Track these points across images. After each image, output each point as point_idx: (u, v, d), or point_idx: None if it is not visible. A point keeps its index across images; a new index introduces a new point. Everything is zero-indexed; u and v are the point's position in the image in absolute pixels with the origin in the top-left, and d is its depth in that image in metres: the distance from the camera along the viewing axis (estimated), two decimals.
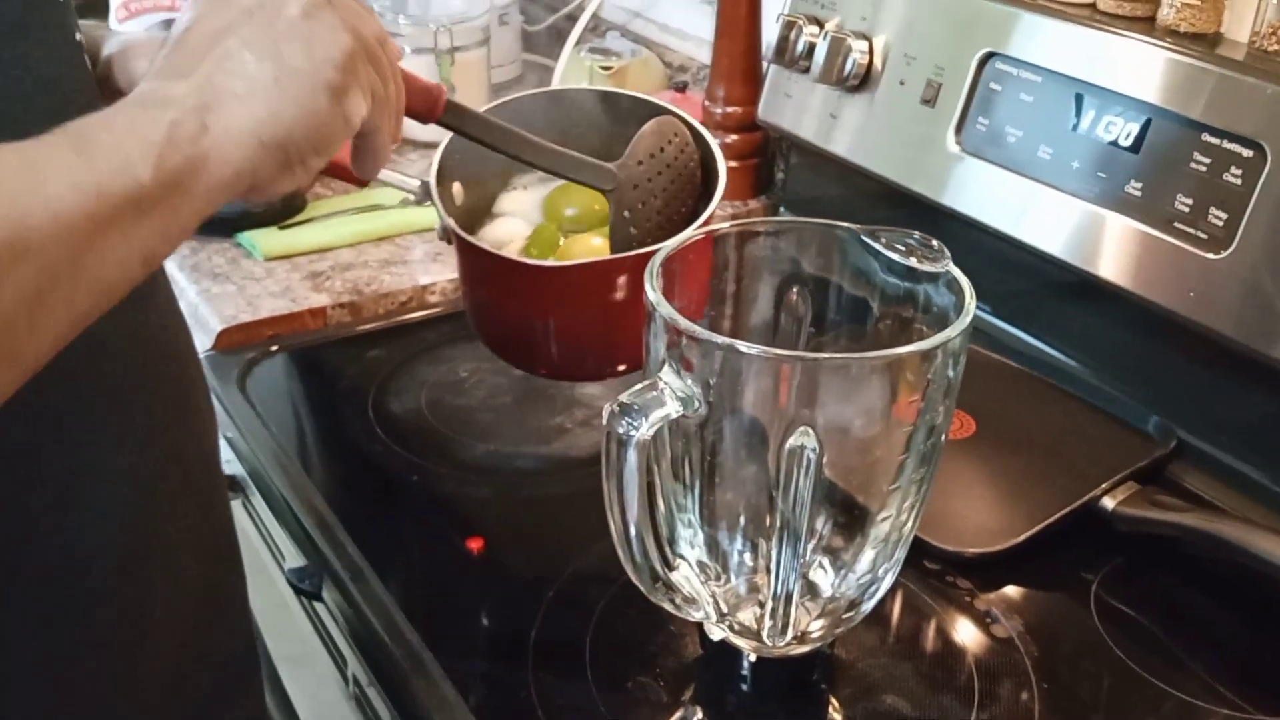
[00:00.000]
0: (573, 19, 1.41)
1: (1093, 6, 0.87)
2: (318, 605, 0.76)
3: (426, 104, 0.65)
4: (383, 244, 1.11)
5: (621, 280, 0.73)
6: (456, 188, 0.82)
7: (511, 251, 0.80)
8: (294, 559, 0.77)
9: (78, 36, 0.56)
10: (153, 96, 0.47)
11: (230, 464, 0.87)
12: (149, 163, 0.44)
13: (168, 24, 1.31)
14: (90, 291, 0.44)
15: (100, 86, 0.63)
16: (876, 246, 0.61)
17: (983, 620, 0.70)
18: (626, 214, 0.75)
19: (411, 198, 1.14)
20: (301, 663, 0.85)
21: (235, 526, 0.70)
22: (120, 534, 0.59)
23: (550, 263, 0.76)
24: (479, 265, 0.78)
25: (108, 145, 0.44)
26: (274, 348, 0.96)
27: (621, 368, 0.78)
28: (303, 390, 0.95)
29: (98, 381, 0.56)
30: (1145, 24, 0.83)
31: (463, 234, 0.75)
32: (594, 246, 0.79)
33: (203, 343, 0.95)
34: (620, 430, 0.51)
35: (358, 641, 0.70)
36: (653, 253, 0.60)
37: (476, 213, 0.83)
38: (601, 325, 0.76)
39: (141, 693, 0.61)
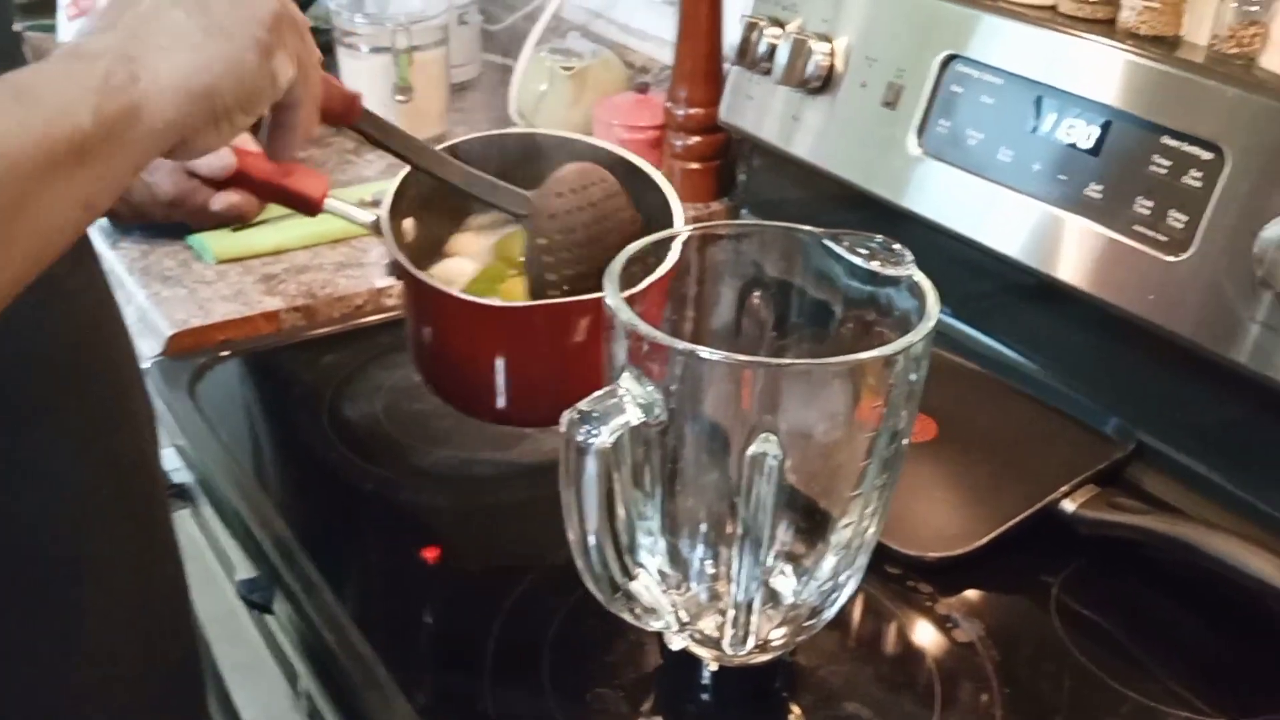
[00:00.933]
0: (533, 19, 1.40)
1: (1053, 9, 0.86)
2: (268, 617, 0.74)
3: (344, 105, 0.65)
4: (338, 246, 1.09)
5: (577, 323, 0.71)
6: (408, 224, 0.80)
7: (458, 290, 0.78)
8: (244, 570, 0.76)
9: (15, 27, 0.55)
10: (85, 49, 0.48)
11: (179, 473, 0.85)
12: (88, 108, 0.45)
13: None
14: (35, 236, 0.44)
15: None
16: (839, 250, 0.60)
17: (944, 624, 0.69)
18: (541, 241, 0.74)
19: (368, 198, 1.13)
20: (250, 672, 0.84)
21: (177, 538, 0.68)
22: (51, 543, 0.57)
23: (498, 302, 0.74)
24: (425, 302, 0.76)
25: (48, 93, 0.45)
26: (226, 353, 0.94)
27: None
28: (255, 397, 0.93)
29: (26, 385, 0.54)
30: (1105, 26, 0.83)
31: (411, 268, 0.73)
32: None
33: (152, 348, 0.93)
34: (579, 438, 0.50)
35: (309, 654, 0.68)
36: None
37: (427, 251, 0.81)
38: (552, 370, 0.74)
39: (74, 704, 0.60)
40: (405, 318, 0.80)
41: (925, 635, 0.69)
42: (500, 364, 0.74)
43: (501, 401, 0.76)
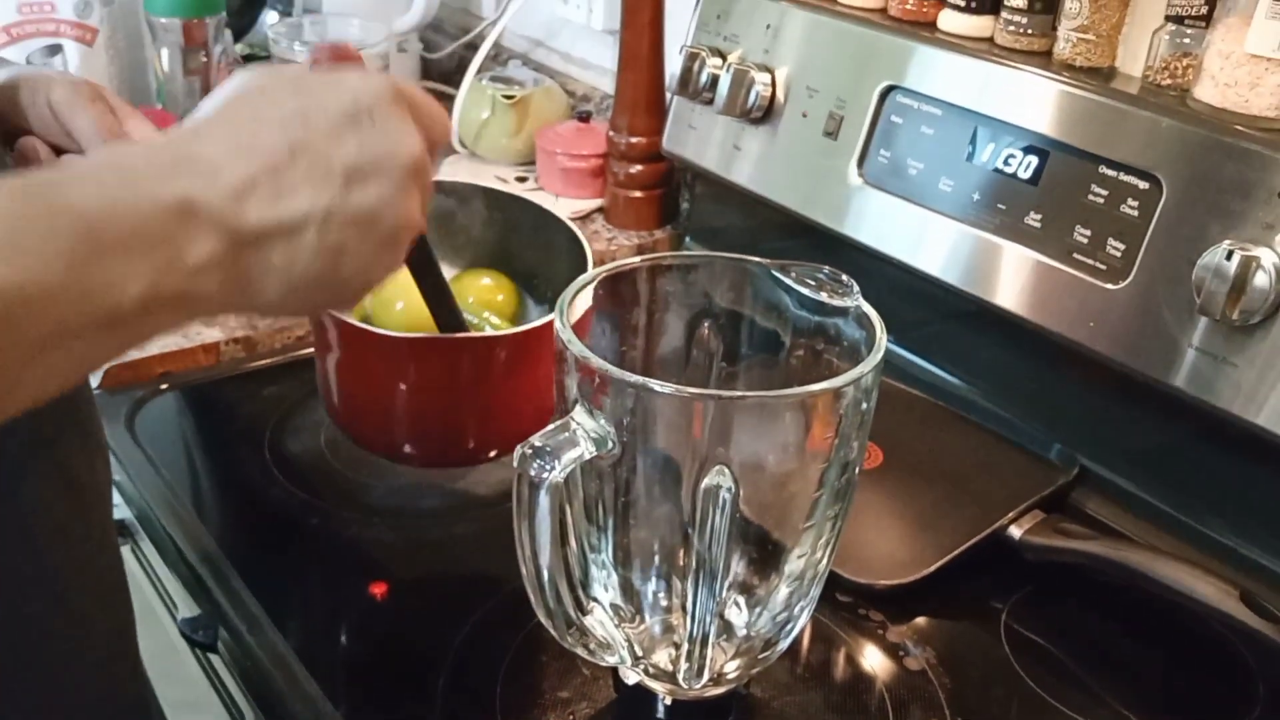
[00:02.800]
0: (474, 47, 1.40)
1: (990, 40, 0.88)
2: (212, 655, 0.73)
3: None
4: None
5: (496, 355, 0.71)
6: None
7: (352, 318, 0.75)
8: (187, 608, 0.74)
9: None
10: (176, 195, 0.44)
11: (119, 508, 0.83)
12: (142, 284, 0.42)
13: (52, 50, 1.27)
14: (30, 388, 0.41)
15: None
16: (787, 281, 0.61)
17: (895, 652, 0.69)
18: None
19: None
20: (194, 711, 0.82)
21: (125, 568, 0.67)
22: (7, 555, 0.56)
23: (398, 334, 0.71)
24: (325, 332, 0.74)
25: (107, 238, 0.41)
26: (164, 385, 0.92)
27: (493, 454, 0.76)
28: (195, 430, 0.91)
29: None
30: (1042, 58, 0.85)
31: None
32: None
33: (89, 380, 0.91)
34: (532, 473, 0.50)
35: (254, 694, 0.67)
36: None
37: None
38: (462, 405, 0.72)
39: None
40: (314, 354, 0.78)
41: (877, 663, 0.69)
42: (399, 399, 0.73)
43: (405, 443, 0.75)
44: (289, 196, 0.46)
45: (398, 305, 0.77)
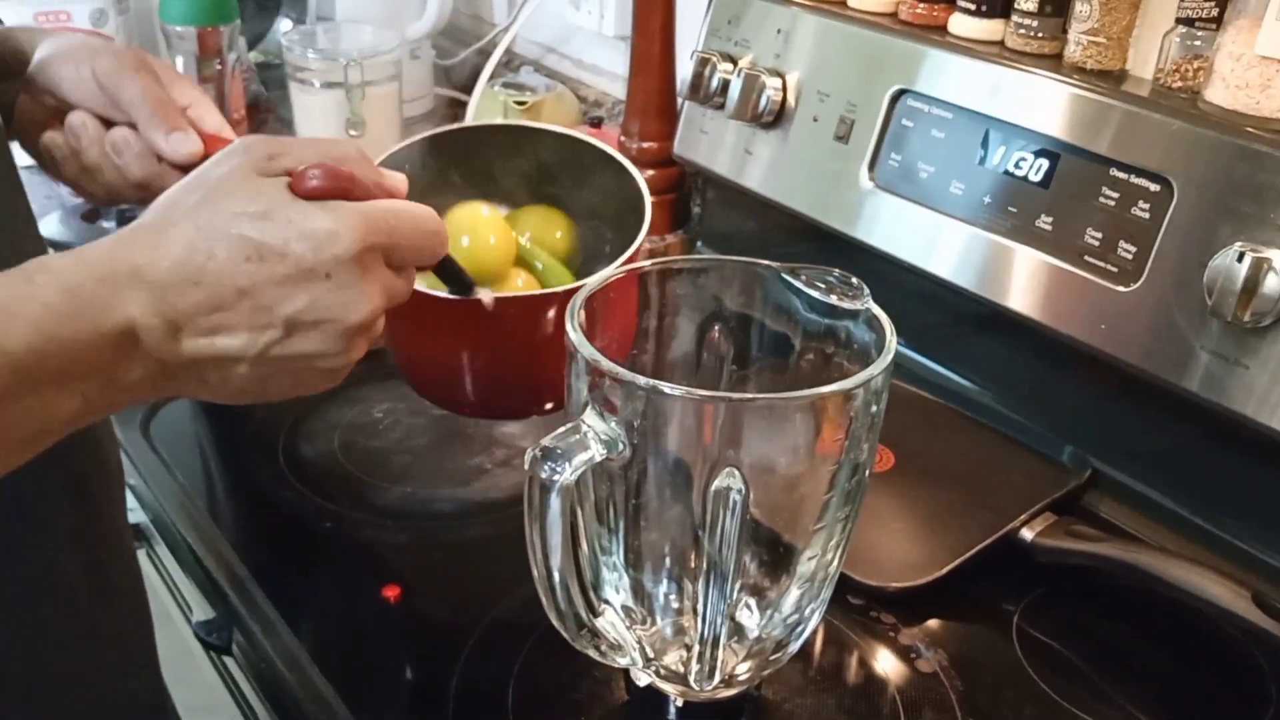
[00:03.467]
0: (486, 54, 1.40)
1: (1001, 44, 0.88)
2: (226, 658, 0.73)
3: None
4: None
5: (546, 316, 0.69)
6: None
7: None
8: (202, 611, 0.75)
9: None
10: (135, 325, 0.46)
11: (134, 512, 0.83)
12: (75, 404, 0.44)
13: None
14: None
15: (24, 83, 0.65)
16: (797, 284, 0.61)
17: (907, 655, 0.69)
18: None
19: None
20: (209, 714, 0.82)
21: (141, 572, 0.67)
22: (14, 562, 0.56)
23: (452, 296, 0.70)
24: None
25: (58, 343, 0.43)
26: None
27: (549, 405, 0.76)
28: (210, 434, 0.92)
29: None
30: (1052, 61, 0.85)
31: None
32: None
33: None
34: (543, 475, 0.50)
35: (269, 696, 0.67)
36: (575, 289, 0.59)
37: None
38: (522, 362, 0.73)
39: None
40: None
41: (889, 666, 0.69)
42: (465, 358, 0.73)
43: (473, 394, 0.74)
44: (226, 335, 0.47)
45: (463, 240, 0.74)
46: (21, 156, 1.27)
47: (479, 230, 0.74)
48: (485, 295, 0.67)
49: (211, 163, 0.50)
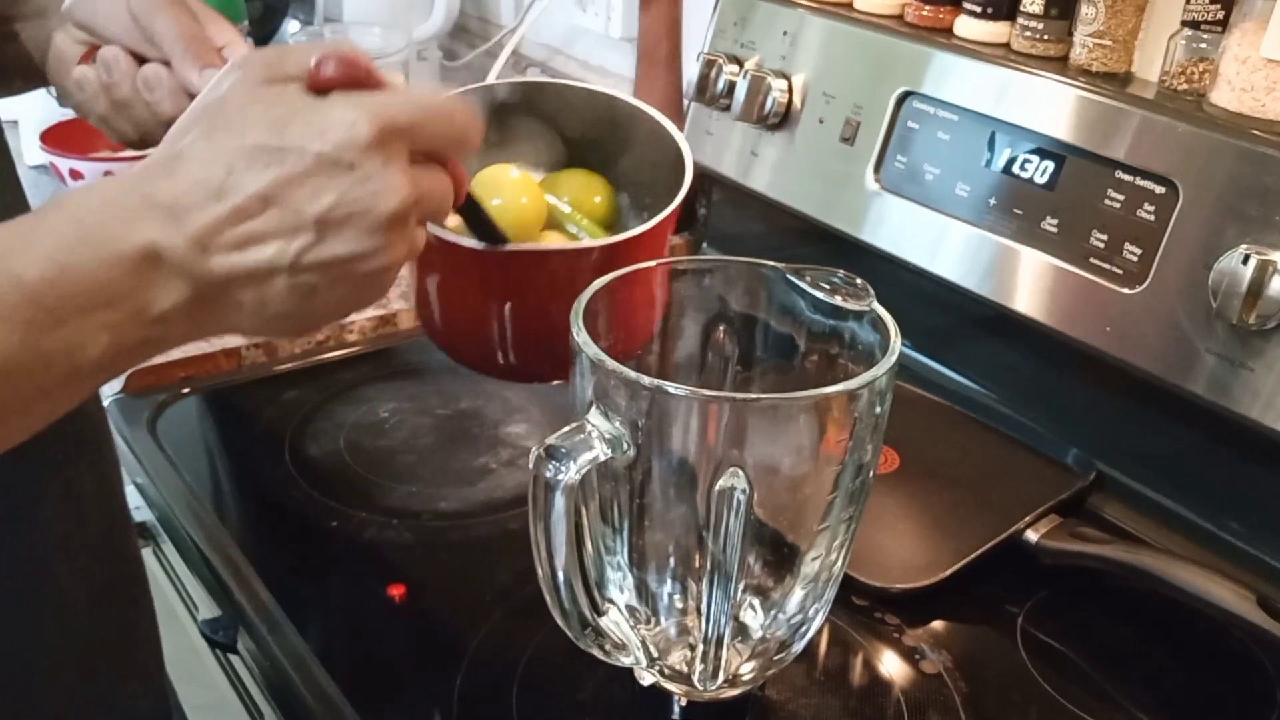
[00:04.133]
0: (493, 55, 1.41)
1: (1007, 46, 0.88)
2: (232, 657, 0.73)
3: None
4: None
5: (583, 270, 0.64)
6: None
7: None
8: (208, 609, 0.75)
9: None
10: (159, 236, 0.43)
11: (140, 510, 0.84)
12: (104, 341, 0.42)
13: None
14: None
15: (60, 19, 0.64)
16: (802, 285, 0.61)
17: (911, 656, 0.69)
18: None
19: None
20: (214, 713, 0.82)
21: (146, 573, 0.67)
22: (10, 575, 0.56)
23: (504, 247, 0.65)
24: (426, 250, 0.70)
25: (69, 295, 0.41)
26: (186, 390, 0.93)
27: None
28: (216, 434, 0.92)
29: None
30: (1058, 64, 0.85)
31: None
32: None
33: (112, 385, 0.92)
34: (547, 474, 0.50)
35: (274, 694, 0.67)
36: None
37: None
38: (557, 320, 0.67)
39: None
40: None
41: (893, 667, 0.69)
42: (497, 314, 0.69)
43: (504, 357, 0.70)
44: (256, 245, 0.44)
45: (494, 201, 0.71)
46: (24, 158, 1.27)
47: (510, 191, 0.70)
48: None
49: (210, 88, 0.47)
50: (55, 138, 1.21)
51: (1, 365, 0.39)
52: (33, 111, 1.30)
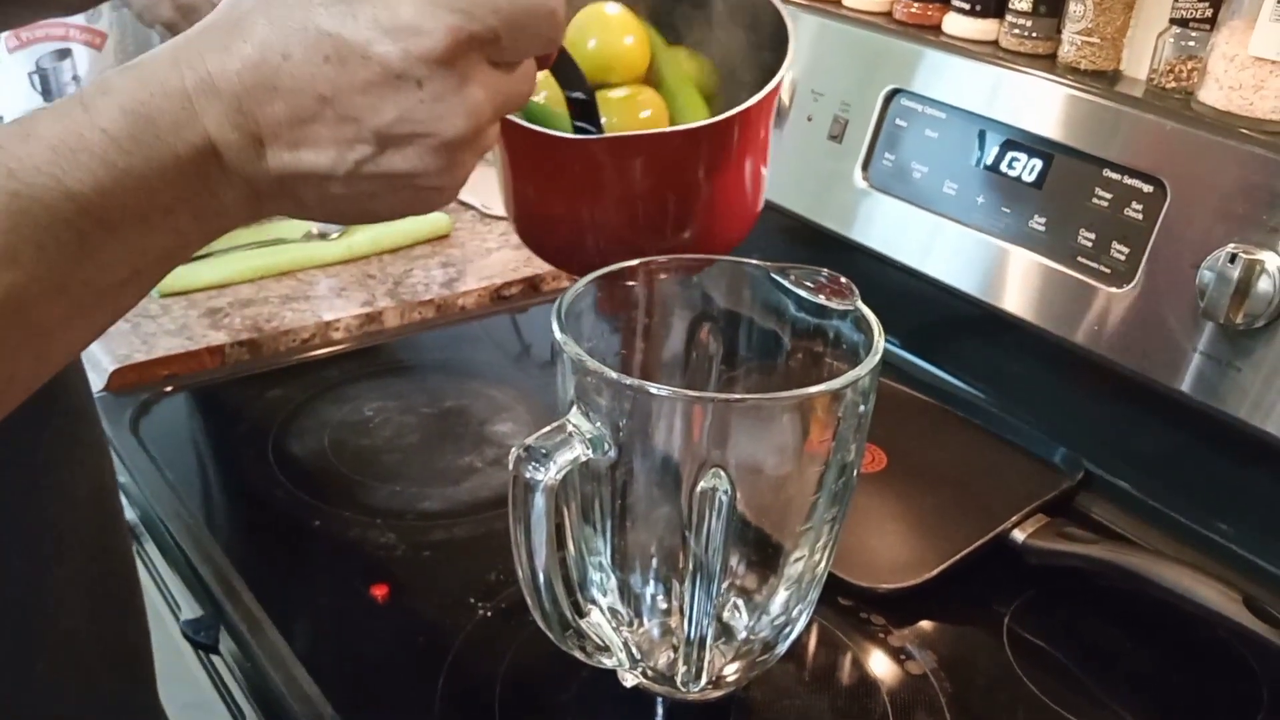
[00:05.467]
0: None
1: (995, 44, 0.88)
2: (214, 657, 0.73)
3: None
4: (284, 279, 1.08)
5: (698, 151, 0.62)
6: None
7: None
8: (190, 609, 0.74)
9: None
10: (216, 134, 0.40)
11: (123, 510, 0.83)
12: (166, 240, 0.40)
13: (61, 54, 1.28)
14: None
15: None
16: (786, 284, 0.61)
17: (897, 656, 0.69)
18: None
19: (314, 230, 1.12)
20: (197, 712, 0.82)
21: (138, 574, 0.67)
22: (4, 576, 0.56)
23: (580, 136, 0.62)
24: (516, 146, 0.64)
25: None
26: (169, 388, 0.93)
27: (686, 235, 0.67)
28: (200, 432, 0.91)
29: None
30: (1046, 61, 0.84)
31: None
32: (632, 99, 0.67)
33: (94, 383, 0.91)
34: (527, 475, 0.50)
35: (255, 695, 0.67)
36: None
37: None
38: (655, 206, 0.65)
39: None
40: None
41: (879, 667, 0.68)
42: (584, 205, 0.65)
43: (590, 250, 0.66)
44: (311, 149, 0.41)
45: (589, 43, 0.66)
46: None
47: (610, 30, 0.65)
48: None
49: None
50: None
51: (59, 281, 0.37)
52: (18, 108, 1.29)
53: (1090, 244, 0.78)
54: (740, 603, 0.60)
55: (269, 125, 0.40)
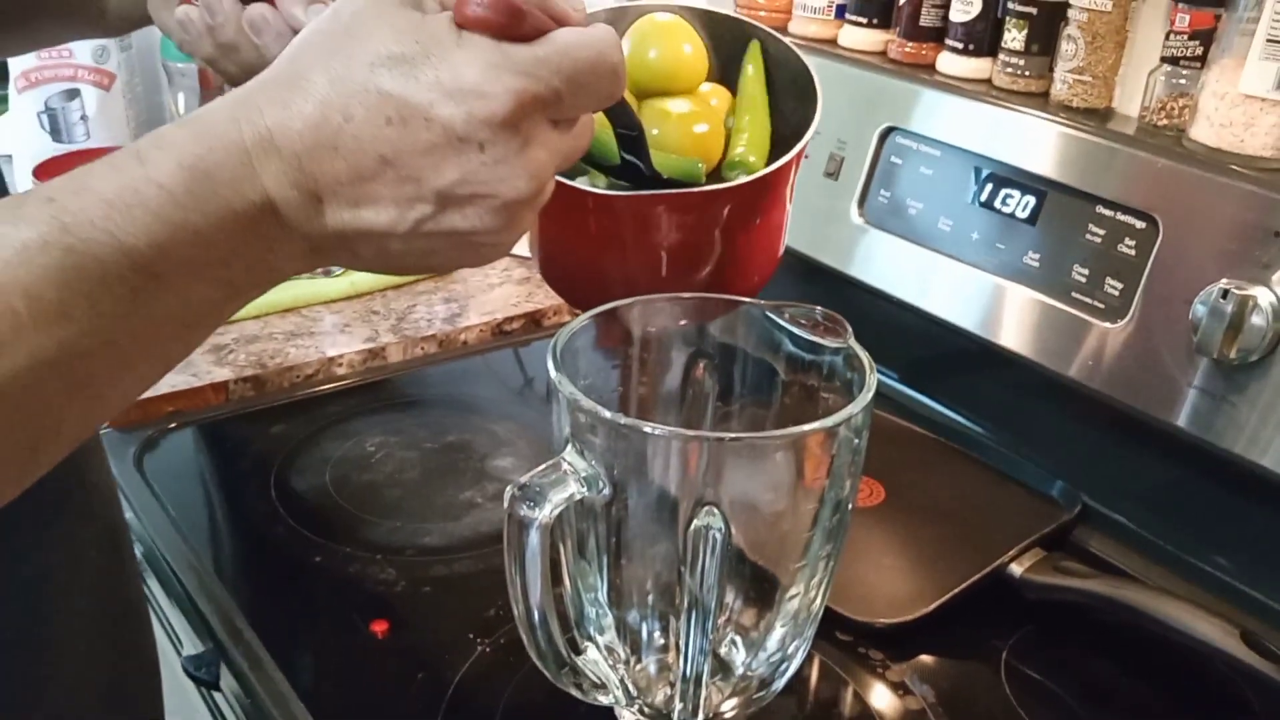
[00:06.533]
0: None
1: (988, 82, 0.89)
2: (215, 694, 0.73)
3: None
4: (289, 315, 1.09)
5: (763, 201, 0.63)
6: None
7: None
8: (191, 645, 0.75)
9: None
10: (278, 196, 0.40)
11: None
12: (219, 292, 0.40)
13: (69, 94, 1.29)
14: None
15: None
16: (781, 321, 0.61)
17: (896, 691, 0.69)
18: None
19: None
20: None
21: (149, 614, 0.67)
22: (12, 617, 0.56)
23: (606, 192, 0.62)
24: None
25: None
26: (173, 424, 0.93)
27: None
28: (203, 469, 0.92)
29: None
30: (1039, 99, 0.85)
31: None
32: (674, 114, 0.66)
33: None
34: (521, 513, 0.50)
35: None
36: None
37: None
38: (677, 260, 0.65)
39: None
40: None
41: (878, 702, 0.69)
42: (608, 256, 0.65)
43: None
44: (372, 207, 0.41)
45: (650, 53, 0.66)
46: (17, 192, 1.28)
47: (670, 39, 0.65)
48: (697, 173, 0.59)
49: (330, 13, 0.42)
50: (48, 172, 1.22)
51: (110, 335, 0.37)
52: (27, 147, 1.31)
53: (1084, 279, 0.79)
54: (737, 639, 0.60)
55: (329, 184, 0.40)
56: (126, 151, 0.38)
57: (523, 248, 0.69)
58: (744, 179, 0.64)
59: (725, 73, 0.72)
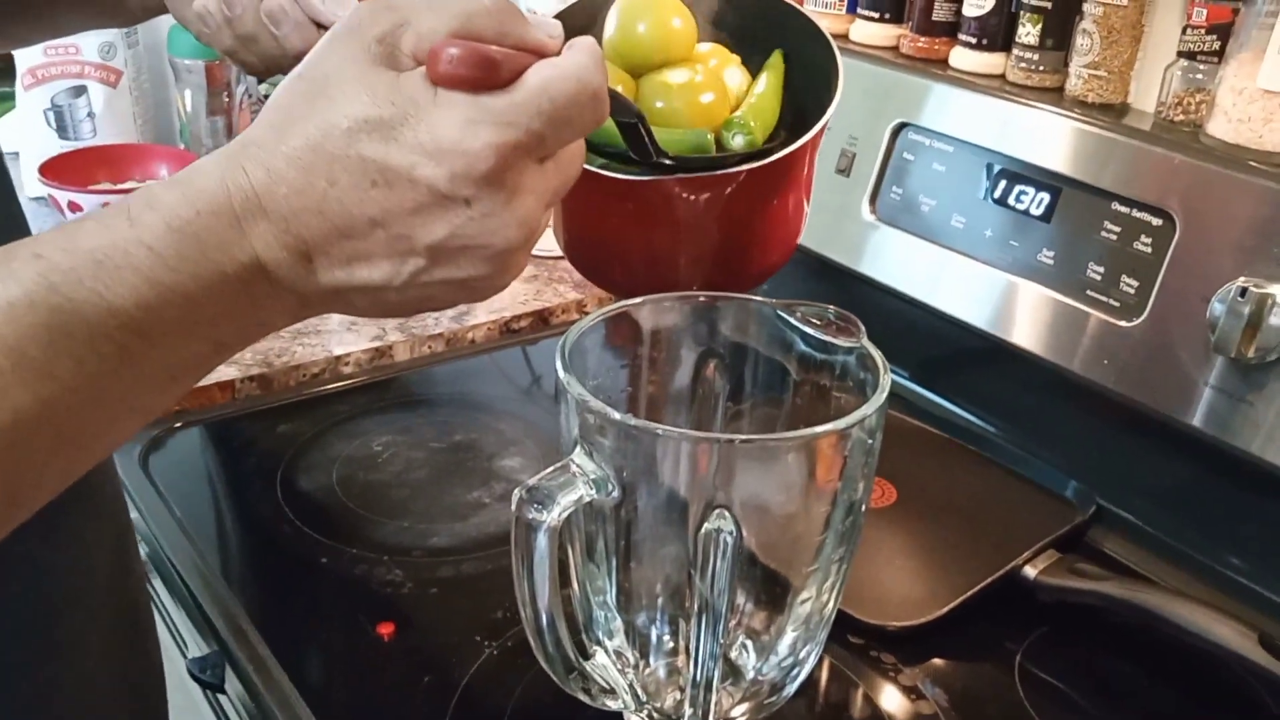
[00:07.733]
0: None
1: (1002, 78, 0.88)
2: (220, 696, 0.73)
3: None
4: None
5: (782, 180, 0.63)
6: None
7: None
8: (196, 647, 0.74)
9: None
10: (268, 258, 0.40)
11: None
12: (205, 348, 0.40)
13: (76, 91, 1.29)
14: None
15: None
16: (793, 321, 0.60)
17: (909, 694, 0.68)
18: None
19: None
20: None
21: (154, 620, 0.67)
22: (23, 624, 0.56)
23: (620, 175, 0.62)
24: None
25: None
26: (179, 424, 0.93)
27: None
28: (208, 468, 0.91)
29: None
30: (1054, 95, 0.84)
31: None
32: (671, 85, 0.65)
33: None
34: (529, 516, 0.49)
35: None
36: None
37: None
38: (693, 242, 0.65)
39: None
40: None
41: (890, 705, 0.68)
42: (628, 238, 0.65)
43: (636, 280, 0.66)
44: (365, 265, 0.41)
45: (639, 27, 0.65)
46: (24, 189, 1.27)
47: (658, 11, 0.65)
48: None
49: (322, 49, 0.42)
50: (54, 170, 1.21)
51: (95, 394, 0.37)
52: (33, 144, 1.31)
53: (1099, 277, 0.78)
54: (748, 643, 0.60)
55: (318, 244, 0.40)
56: (117, 209, 0.39)
57: None
58: (764, 160, 0.63)
59: (739, 43, 0.71)
